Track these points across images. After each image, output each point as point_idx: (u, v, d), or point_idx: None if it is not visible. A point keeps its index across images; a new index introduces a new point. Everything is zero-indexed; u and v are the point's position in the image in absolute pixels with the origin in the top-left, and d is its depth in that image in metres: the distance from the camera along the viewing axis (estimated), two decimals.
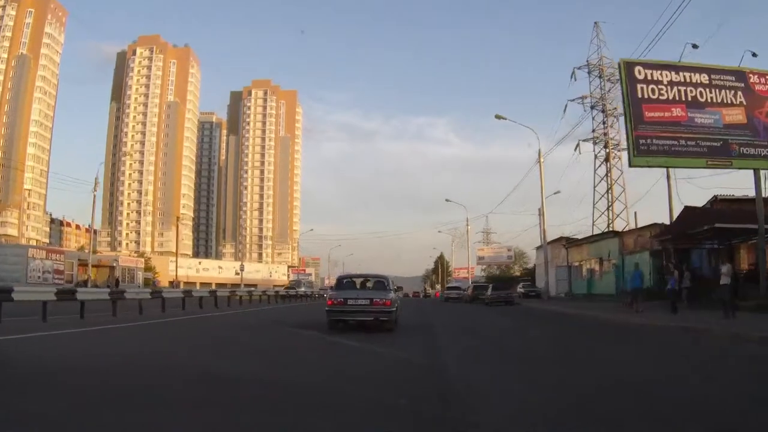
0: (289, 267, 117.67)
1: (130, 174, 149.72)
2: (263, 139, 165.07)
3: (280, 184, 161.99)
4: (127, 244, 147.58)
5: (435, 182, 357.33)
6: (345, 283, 15.80)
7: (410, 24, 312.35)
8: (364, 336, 12.69)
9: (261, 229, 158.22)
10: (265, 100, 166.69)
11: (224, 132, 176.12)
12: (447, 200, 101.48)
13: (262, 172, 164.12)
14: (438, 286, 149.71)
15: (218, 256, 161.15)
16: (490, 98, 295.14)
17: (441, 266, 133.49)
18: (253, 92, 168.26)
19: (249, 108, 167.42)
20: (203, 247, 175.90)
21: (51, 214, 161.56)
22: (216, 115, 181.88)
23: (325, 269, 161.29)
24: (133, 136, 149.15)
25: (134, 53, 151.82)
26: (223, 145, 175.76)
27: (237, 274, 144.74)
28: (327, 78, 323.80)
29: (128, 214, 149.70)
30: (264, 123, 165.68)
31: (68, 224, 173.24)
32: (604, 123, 52.20)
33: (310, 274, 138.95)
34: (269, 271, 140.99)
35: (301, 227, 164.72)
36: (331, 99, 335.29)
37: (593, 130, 52.87)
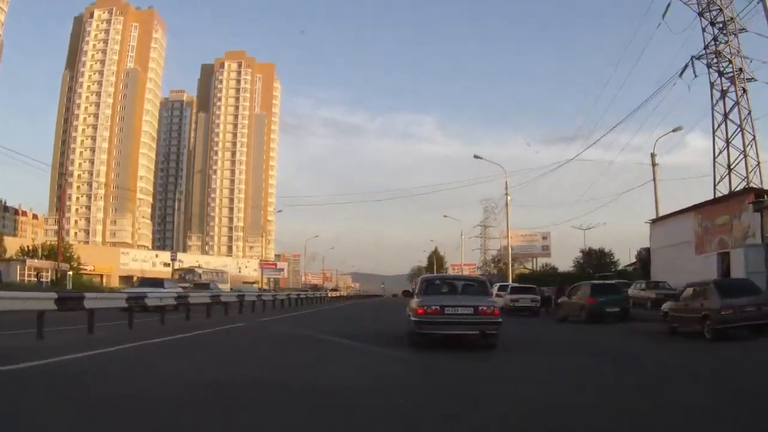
0: (260, 262, 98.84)
1: (81, 152, 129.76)
2: (236, 116, 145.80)
3: (253, 168, 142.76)
4: (75, 233, 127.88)
5: (422, 179, 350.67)
6: (435, 285, 13.02)
7: (400, 19, 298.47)
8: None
9: (231, 219, 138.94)
10: (239, 74, 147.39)
11: (195, 111, 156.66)
12: (475, 156, 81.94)
13: (233, 154, 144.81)
14: None
15: (185, 249, 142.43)
16: (477, 95, 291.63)
17: (436, 262, 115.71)
18: (226, 65, 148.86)
19: (221, 82, 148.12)
20: (170, 240, 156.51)
21: (5, 202, 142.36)
22: (187, 93, 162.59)
23: (309, 266, 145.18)
24: (86, 108, 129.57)
25: (92, 16, 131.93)
26: (193, 124, 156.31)
27: (200, 267, 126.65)
28: (310, 60, 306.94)
29: (78, 198, 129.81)
30: (237, 99, 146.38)
31: (24, 213, 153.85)
32: (716, 40, 33.87)
33: (282, 269, 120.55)
34: (238, 266, 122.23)
35: (277, 218, 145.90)
36: (317, 94, 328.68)
37: (705, 47, 34.63)
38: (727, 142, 33.56)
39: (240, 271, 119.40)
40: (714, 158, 34.40)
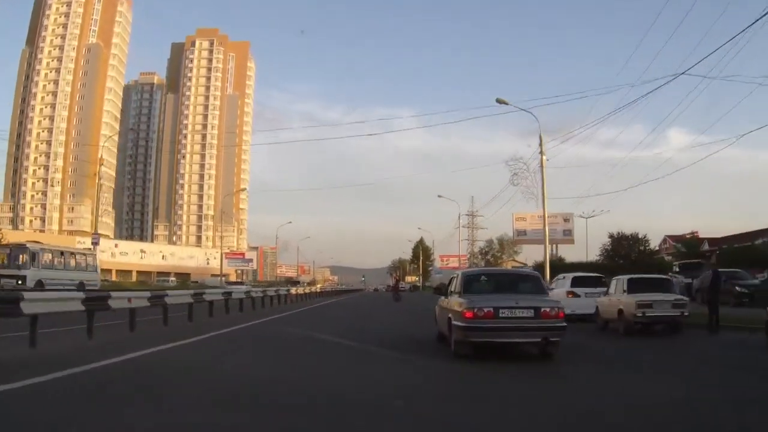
0: (225, 253, 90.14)
1: (38, 134, 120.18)
2: (207, 97, 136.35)
3: (225, 152, 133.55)
4: (31, 221, 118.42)
5: (400, 173, 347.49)
6: (480, 282, 10.50)
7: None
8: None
9: (201, 207, 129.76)
10: (210, 52, 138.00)
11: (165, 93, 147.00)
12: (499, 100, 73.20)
13: (204, 137, 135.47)
14: (412, 279, 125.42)
15: (153, 239, 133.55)
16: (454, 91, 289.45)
17: (422, 254, 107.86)
18: (197, 43, 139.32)
19: (192, 61, 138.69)
20: (138, 230, 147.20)
21: None
22: (158, 76, 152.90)
23: (287, 258, 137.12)
24: (45, 86, 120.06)
25: None
26: (163, 107, 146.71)
27: (164, 259, 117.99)
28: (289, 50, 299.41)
29: (33, 183, 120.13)
30: (209, 79, 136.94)
31: None
32: None
33: (250, 260, 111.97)
34: (206, 257, 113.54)
35: (253, 211, 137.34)
36: (295, 89, 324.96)
37: None
38: None
39: (208, 263, 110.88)
40: None
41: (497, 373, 8.41)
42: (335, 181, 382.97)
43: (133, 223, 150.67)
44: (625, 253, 41.03)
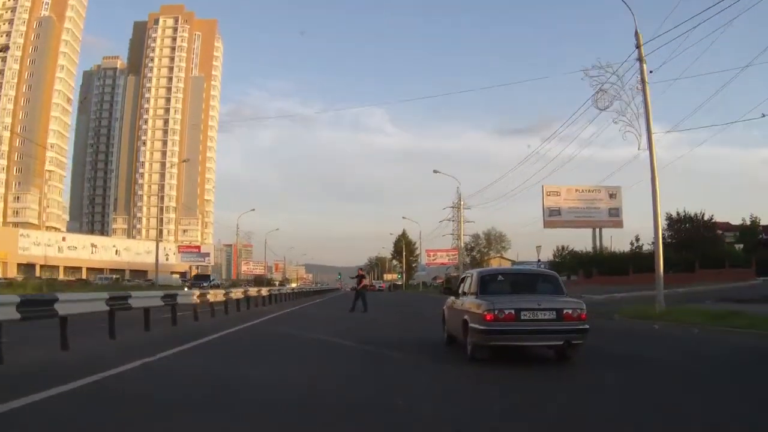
0: (178, 246, 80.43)
1: None
2: (170, 79, 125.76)
3: (189, 138, 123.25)
4: None
5: (375, 171, 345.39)
6: (497, 282, 10.10)
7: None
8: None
9: (162, 198, 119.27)
10: (175, 30, 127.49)
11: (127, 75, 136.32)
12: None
13: (166, 122, 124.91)
14: (392, 277, 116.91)
15: (111, 233, 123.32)
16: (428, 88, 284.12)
17: (405, 248, 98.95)
18: (160, 20, 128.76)
19: (155, 41, 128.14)
20: (99, 224, 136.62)
21: None
22: (121, 60, 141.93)
23: (260, 256, 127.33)
24: None
25: None
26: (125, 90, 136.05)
27: (118, 254, 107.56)
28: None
29: None
30: (173, 59, 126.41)
31: None
32: None
33: (207, 254, 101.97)
34: (165, 253, 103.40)
35: (216, 198, 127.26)
36: (271, 86, 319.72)
37: None
38: None
39: (168, 259, 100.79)
40: None
41: (522, 379, 7.86)
42: (311, 177, 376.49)
43: (94, 216, 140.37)
44: (687, 239, 32.21)
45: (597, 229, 52.51)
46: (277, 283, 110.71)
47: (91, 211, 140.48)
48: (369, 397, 6.49)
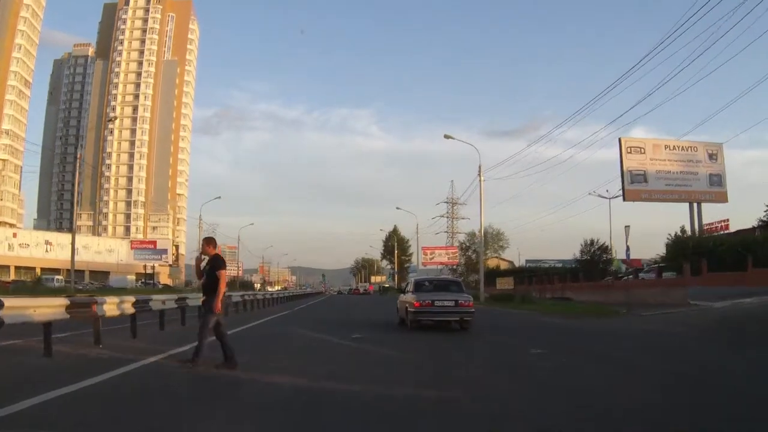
0: (131, 242, 70.68)
1: None
2: (140, 63, 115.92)
3: (160, 126, 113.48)
4: None
5: (359, 174, 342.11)
6: (424, 285, 17.33)
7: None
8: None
9: (130, 192, 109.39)
10: (147, 11, 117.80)
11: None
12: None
13: (135, 109, 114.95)
14: (381, 279, 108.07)
15: (78, 230, 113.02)
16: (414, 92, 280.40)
17: (396, 246, 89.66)
18: (131, 1, 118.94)
19: (125, 22, 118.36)
20: (68, 221, 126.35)
21: None
22: (93, 47, 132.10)
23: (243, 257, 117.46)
24: None
25: None
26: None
27: (77, 252, 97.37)
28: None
29: None
30: (143, 42, 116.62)
31: None
32: None
33: (164, 251, 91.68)
34: (116, 250, 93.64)
35: (189, 193, 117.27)
36: (255, 88, 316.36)
37: None
38: None
39: (122, 260, 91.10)
40: None
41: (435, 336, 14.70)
42: (295, 180, 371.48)
43: (62, 214, 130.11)
44: None
45: (695, 205, 38.00)
46: (258, 287, 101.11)
47: (59, 208, 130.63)
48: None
